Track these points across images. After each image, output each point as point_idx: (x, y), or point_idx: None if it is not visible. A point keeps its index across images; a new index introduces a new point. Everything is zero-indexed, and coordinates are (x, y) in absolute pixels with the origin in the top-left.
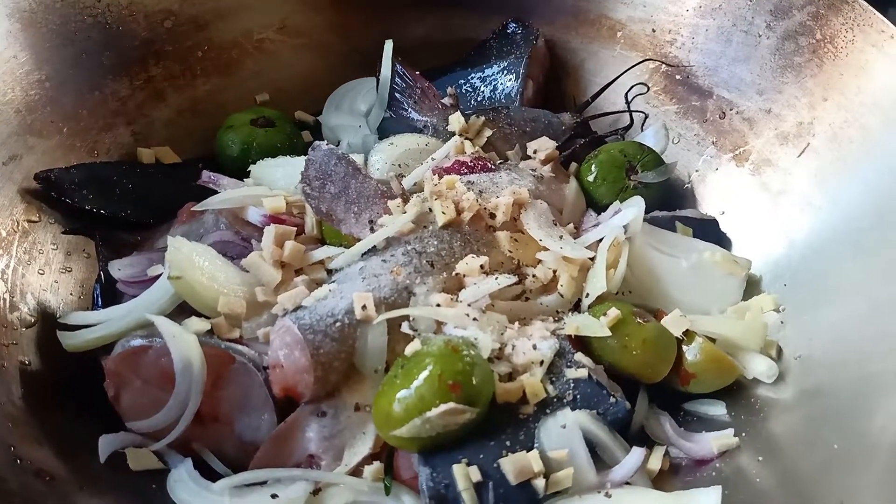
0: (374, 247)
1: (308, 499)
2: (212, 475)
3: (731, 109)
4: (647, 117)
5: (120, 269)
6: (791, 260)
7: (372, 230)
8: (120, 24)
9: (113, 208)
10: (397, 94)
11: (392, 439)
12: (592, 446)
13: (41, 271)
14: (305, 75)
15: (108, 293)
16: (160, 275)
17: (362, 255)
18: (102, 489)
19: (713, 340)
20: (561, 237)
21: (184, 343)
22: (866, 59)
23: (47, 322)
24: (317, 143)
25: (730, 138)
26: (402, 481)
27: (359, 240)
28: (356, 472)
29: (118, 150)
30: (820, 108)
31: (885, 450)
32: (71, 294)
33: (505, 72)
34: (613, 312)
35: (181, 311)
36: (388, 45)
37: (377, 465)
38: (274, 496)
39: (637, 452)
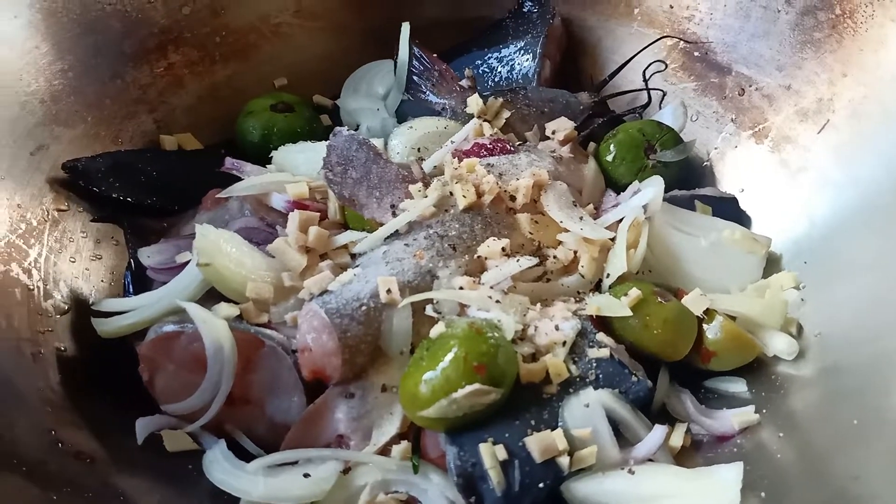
0: (397, 231)
1: (338, 477)
2: (245, 456)
3: (750, 86)
4: (665, 95)
5: (149, 256)
6: (811, 237)
7: (394, 214)
8: (139, 11)
9: (139, 196)
10: (415, 77)
11: (419, 419)
12: (615, 424)
13: (72, 259)
14: (322, 58)
15: (138, 280)
16: (189, 261)
17: (385, 239)
18: (140, 470)
19: (733, 318)
20: (581, 218)
21: (214, 328)
22: (885, 34)
23: (81, 309)
24: (338, 128)
25: (749, 115)
26: (430, 460)
27: (381, 224)
28: (384, 451)
29: (141, 138)
30: (839, 83)
31: None
32: (102, 281)
33: (522, 51)
34: (634, 292)
35: (210, 296)
36: (405, 28)
37: (405, 444)
38: (306, 475)
39: (659, 430)
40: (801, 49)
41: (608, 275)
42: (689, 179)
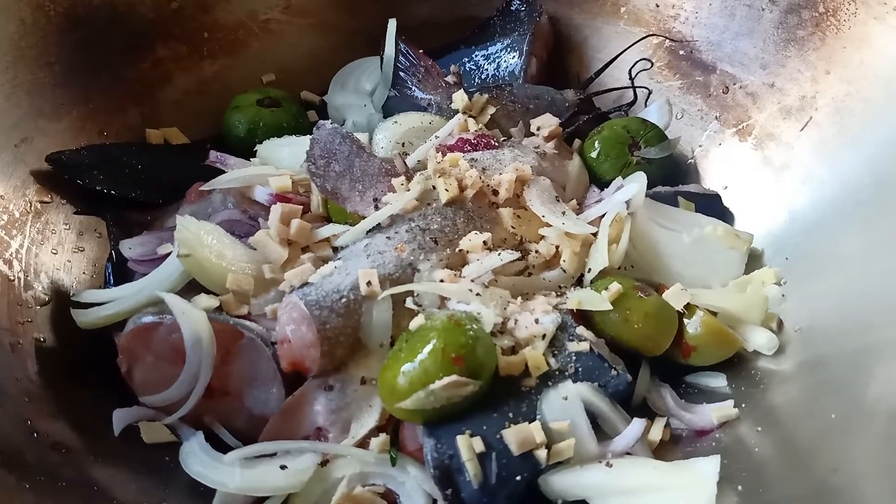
0: (379, 224)
1: (316, 470)
2: (223, 448)
3: (734, 84)
4: (650, 93)
5: (131, 247)
6: (793, 234)
7: (376, 208)
8: (127, 6)
9: (123, 189)
10: (401, 73)
11: (397, 411)
12: (594, 418)
13: (54, 251)
14: (311, 55)
15: (119, 271)
16: (170, 253)
17: (367, 232)
18: (117, 461)
19: (714, 314)
20: (563, 213)
21: (193, 319)
22: (868, 32)
23: (61, 300)
24: (321, 122)
25: (733, 113)
26: (408, 453)
27: (363, 217)
28: (363, 444)
29: (127, 132)
30: (823, 81)
31: (881, 417)
32: (84, 273)
33: (508, 49)
34: (615, 286)
35: (190, 288)
36: (392, 24)
37: (383, 437)
38: (283, 467)
39: (637, 423)
40: (784, 47)
41: (590, 269)
42: (674, 176)
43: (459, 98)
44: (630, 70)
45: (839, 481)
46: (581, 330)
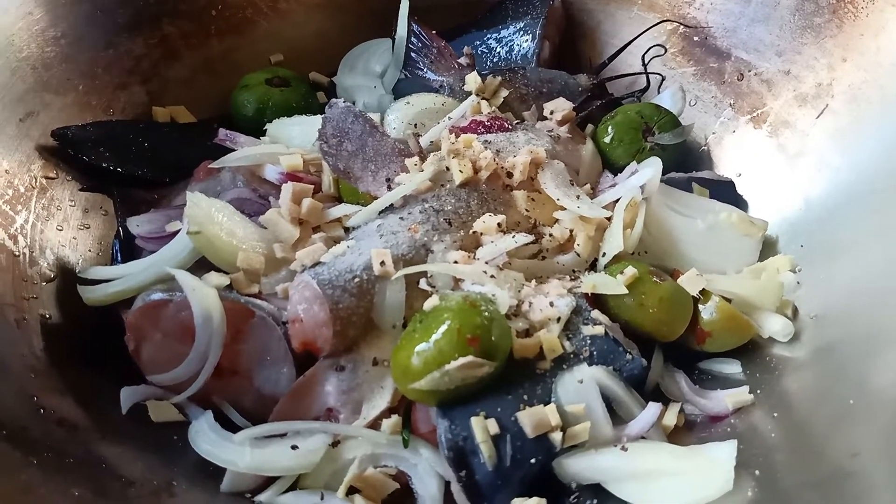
0: (392, 205)
1: (327, 450)
2: (231, 428)
3: (749, 71)
4: (663, 79)
5: (138, 225)
6: (807, 221)
7: (389, 188)
8: None
9: (129, 167)
10: (413, 54)
11: (410, 392)
12: (609, 402)
13: (60, 227)
14: (320, 35)
15: (126, 249)
16: (179, 230)
17: (380, 212)
18: (124, 439)
19: (729, 300)
20: (578, 197)
21: (204, 296)
22: (886, 19)
23: (67, 277)
24: (334, 100)
25: (747, 100)
26: (420, 435)
27: (376, 198)
28: (374, 425)
29: (133, 109)
30: (839, 69)
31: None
32: (89, 250)
33: (521, 32)
34: (630, 271)
35: (199, 266)
36: (405, 4)
37: (395, 418)
38: (294, 447)
39: (653, 407)
40: (801, 34)
41: (604, 254)
42: (687, 163)
43: (472, 80)
44: (643, 56)
45: (854, 466)
46: (596, 313)
